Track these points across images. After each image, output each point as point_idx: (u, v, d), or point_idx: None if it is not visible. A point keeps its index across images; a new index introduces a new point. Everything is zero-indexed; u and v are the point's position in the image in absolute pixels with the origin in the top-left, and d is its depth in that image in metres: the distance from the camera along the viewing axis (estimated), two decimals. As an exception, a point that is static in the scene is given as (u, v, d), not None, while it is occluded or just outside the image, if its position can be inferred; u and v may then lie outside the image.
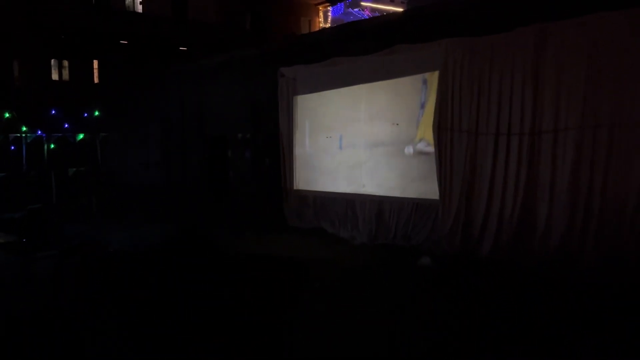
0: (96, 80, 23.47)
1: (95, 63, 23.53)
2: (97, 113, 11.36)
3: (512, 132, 6.98)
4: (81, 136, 11.05)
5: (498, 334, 4.78)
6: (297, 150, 10.20)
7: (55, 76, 22.54)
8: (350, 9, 41.08)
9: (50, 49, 21.29)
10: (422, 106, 8.28)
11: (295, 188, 10.25)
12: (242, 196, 10.62)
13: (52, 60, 22.27)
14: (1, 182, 10.07)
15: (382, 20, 9.71)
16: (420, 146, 8.39)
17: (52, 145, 10.66)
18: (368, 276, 6.89)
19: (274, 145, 10.38)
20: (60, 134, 10.78)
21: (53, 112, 10.68)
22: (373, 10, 41.47)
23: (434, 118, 7.67)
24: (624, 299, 5.45)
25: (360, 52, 8.87)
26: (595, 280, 5.94)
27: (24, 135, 10.14)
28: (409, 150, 8.49)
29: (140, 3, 24.96)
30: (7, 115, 10.15)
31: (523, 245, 6.89)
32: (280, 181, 10.29)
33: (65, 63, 22.68)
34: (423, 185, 8.19)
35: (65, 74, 22.80)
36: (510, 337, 4.71)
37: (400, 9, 43.41)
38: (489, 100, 7.22)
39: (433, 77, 7.92)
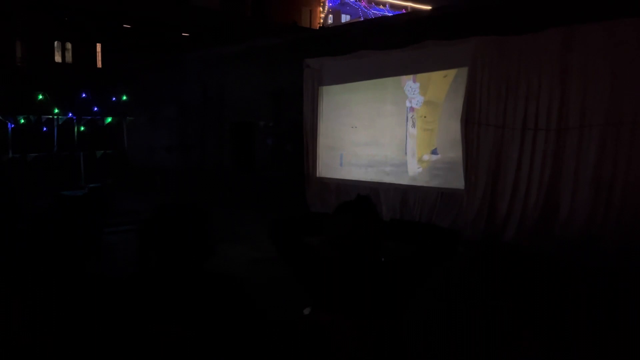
0: (99, 64, 23.55)
1: (99, 47, 23.64)
2: (124, 97, 11.60)
3: (539, 127, 7.47)
4: (109, 119, 11.30)
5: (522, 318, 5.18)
6: (320, 139, 10.59)
7: (58, 58, 22.59)
8: (346, 0, 41.18)
9: (53, 30, 21.31)
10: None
11: (317, 175, 10.65)
12: (265, 181, 10.99)
13: (56, 42, 22.31)
14: (33, 162, 10.30)
15: (412, 17, 10.12)
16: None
17: (82, 128, 10.89)
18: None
19: (297, 133, 10.75)
20: (89, 117, 11.01)
21: (83, 95, 10.91)
22: (369, 1, 41.64)
23: (462, 112, 8.13)
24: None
25: (387, 46, 9.26)
26: (614, 265, 6.47)
27: (55, 117, 10.36)
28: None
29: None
30: (40, 97, 10.35)
31: (545, 232, 7.41)
32: (303, 168, 10.68)
33: (69, 45, 22.73)
34: (448, 175, 8.66)
35: (69, 57, 22.86)
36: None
37: (397, 1, 43.69)
38: (516, 96, 7.69)
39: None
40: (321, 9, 29.12)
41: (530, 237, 7.51)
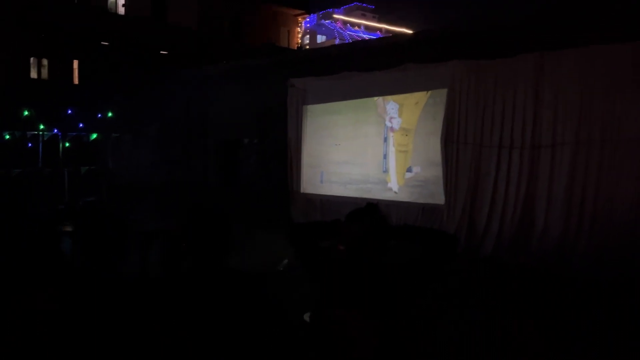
0: (75, 80, 23.46)
1: (75, 63, 23.55)
2: (110, 114, 11.71)
3: (514, 145, 7.93)
4: (94, 136, 11.37)
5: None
6: (305, 156, 10.90)
7: (33, 74, 22.44)
8: (322, 21, 42.13)
9: (30, 47, 21.21)
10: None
11: (302, 191, 10.93)
12: (250, 198, 11.20)
13: (32, 59, 22.16)
14: (17, 178, 10.28)
15: (393, 41, 10.59)
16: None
17: (67, 144, 10.94)
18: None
19: (281, 151, 11.04)
20: (75, 133, 11.08)
21: (69, 111, 10.98)
22: (345, 22, 42.65)
23: (442, 131, 8.56)
24: (614, 292, 6.39)
25: (370, 68, 9.68)
26: (587, 276, 6.89)
27: (41, 133, 10.40)
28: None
29: (123, 5, 25.05)
30: (25, 112, 10.38)
31: (522, 245, 7.83)
32: (287, 184, 10.95)
33: (45, 62, 22.61)
34: (423, 192, 9.08)
35: (44, 73, 22.72)
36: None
37: (372, 23, 44.82)
38: (492, 116, 8.16)
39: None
40: (299, 29, 29.67)
41: (508, 250, 7.90)
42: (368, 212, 2.85)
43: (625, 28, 6.83)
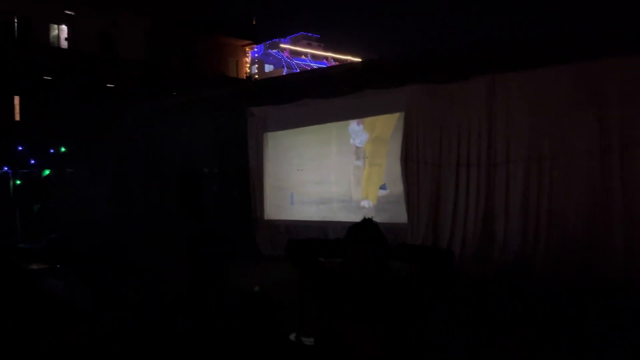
0: (17, 117, 22.62)
1: (17, 99, 22.74)
2: (63, 149, 11.39)
3: (471, 163, 8.35)
4: (47, 172, 11.00)
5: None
6: (269, 181, 10.98)
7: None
8: (269, 50, 42.70)
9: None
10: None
11: (266, 218, 10.96)
12: (213, 228, 11.11)
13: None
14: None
15: (350, 68, 10.95)
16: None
17: (18, 182, 10.53)
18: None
19: (243, 179, 11.07)
20: (26, 170, 10.69)
21: (20, 148, 10.61)
22: (292, 52, 43.39)
23: (402, 152, 8.89)
24: (571, 301, 6.74)
25: (329, 95, 9.96)
26: (546, 286, 7.26)
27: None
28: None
29: (66, 39, 24.55)
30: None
31: (484, 258, 8.17)
32: (251, 212, 10.95)
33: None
34: (397, 209, 9.30)
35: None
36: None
37: (318, 52, 45.77)
38: (449, 136, 8.57)
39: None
40: (247, 59, 29.96)
41: (471, 263, 8.23)
42: (368, 229, 3.00)
43: (567, 50, 7.42)
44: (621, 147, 7.04)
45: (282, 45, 43.71)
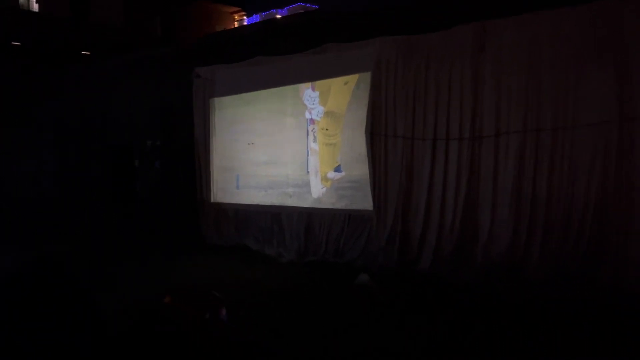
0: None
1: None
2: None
3: (451, 137, 6.54)
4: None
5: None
6: (215, 159, 9.24)
7: None
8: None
9: None
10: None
11: (213, 201, 9.25)
12: (152, 212, 9.45)
13: None
14: None
15: (311, 17, 9.07)
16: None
17: None
18: (299, 298, 6.08)
19: (189, 154, 9.35)
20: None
21: None
22: (289, 23, 41.23)
23: (367, 123, 7.10)
24: (573, 315, 5.04)
25: (286, 51, 8.18)
26: (540, 295, 5.55)
27: None
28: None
29: (37, 2, 22.88)
30: None
31: (465, 258, 6.43)
32: (196, 194, 9.25)
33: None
34: (355, 195, 7.56)
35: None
36: None
37: (316, 23, 43.61)
38: (425, 103, 6.75)
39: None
40: (237, 24, 28.04)
41: (448, 264, 6.49)
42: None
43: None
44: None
45: (278, 17, 41.48)
